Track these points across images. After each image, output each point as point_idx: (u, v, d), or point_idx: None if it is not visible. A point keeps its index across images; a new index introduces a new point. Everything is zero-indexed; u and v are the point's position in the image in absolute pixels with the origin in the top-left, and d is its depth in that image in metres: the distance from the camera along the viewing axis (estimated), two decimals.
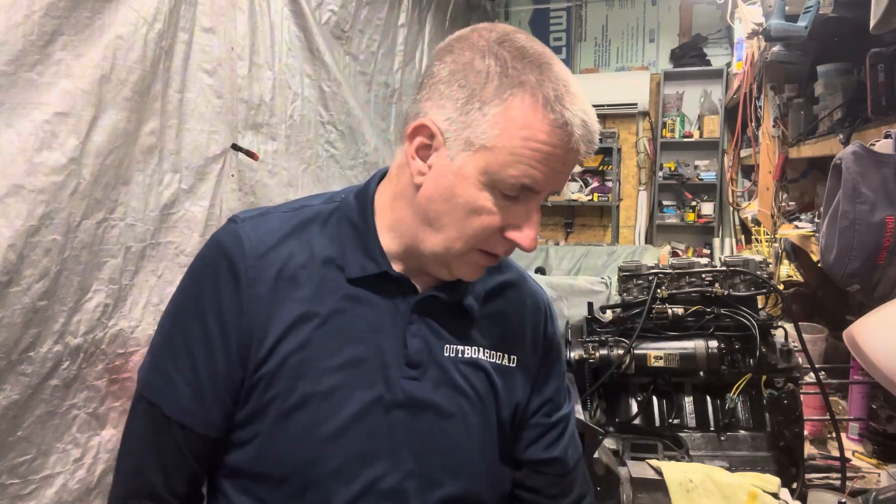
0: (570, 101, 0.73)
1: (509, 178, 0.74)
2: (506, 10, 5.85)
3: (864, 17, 1.31)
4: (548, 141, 0.73)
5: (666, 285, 1.46)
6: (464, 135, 0.75)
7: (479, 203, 0.76)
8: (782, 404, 1.32)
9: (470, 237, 0.78)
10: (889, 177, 1.29)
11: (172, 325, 0.85)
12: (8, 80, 1.18)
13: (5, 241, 1.19)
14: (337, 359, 0.81)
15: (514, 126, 0.73)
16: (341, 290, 0.83)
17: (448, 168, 0.76)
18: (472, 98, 0.74)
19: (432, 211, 0.78)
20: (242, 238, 0.82)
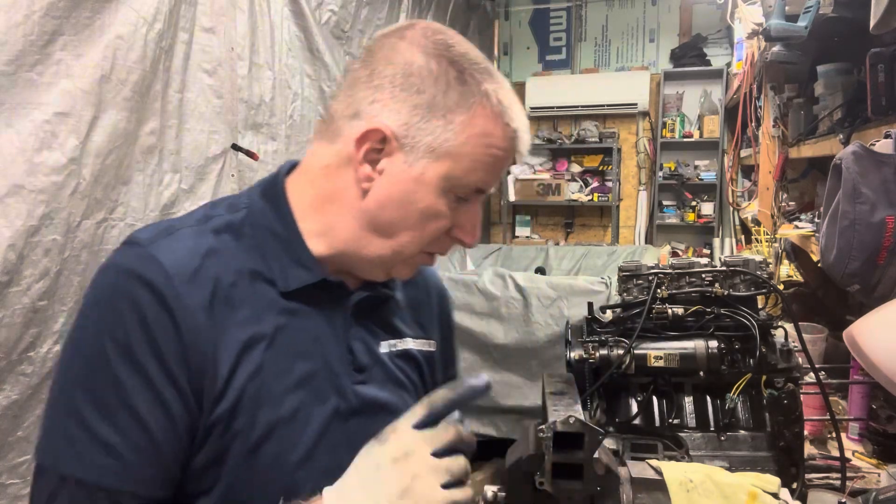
0: (516, 109, 0.77)
1: (470, 184, 0.76)
2: (506, 10, 5.86)
3: (864, 17, 1.31)
4: (503, 147, 0.76)
5: (666, 285, 1.46)
6: (425, 141, 0.74)
7: (436, 208, 0.76)
8: (782, 404, 1.32)
9: (424, 241, 0.78)
10: (889, 177, 1.29)
11: (90, 379, 0.68)
12: (8, 80, 1.19)
13: (5, 241, 1.19)
14: (291, 378, 0.76)
15: (477, 134, 0.74)
16: (277, 306, 0.76)
17: (405, 174, 0.75)
18: (434, 105, 0.74)
19: (384, 217, 0.77)
20: (161, 261, 0.70)
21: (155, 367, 0.68)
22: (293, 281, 0.77)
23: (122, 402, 0.67)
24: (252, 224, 0.78)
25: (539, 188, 5.53)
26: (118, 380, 0.67)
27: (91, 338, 0.69)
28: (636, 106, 5.33)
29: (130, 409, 0.68)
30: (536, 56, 5.85)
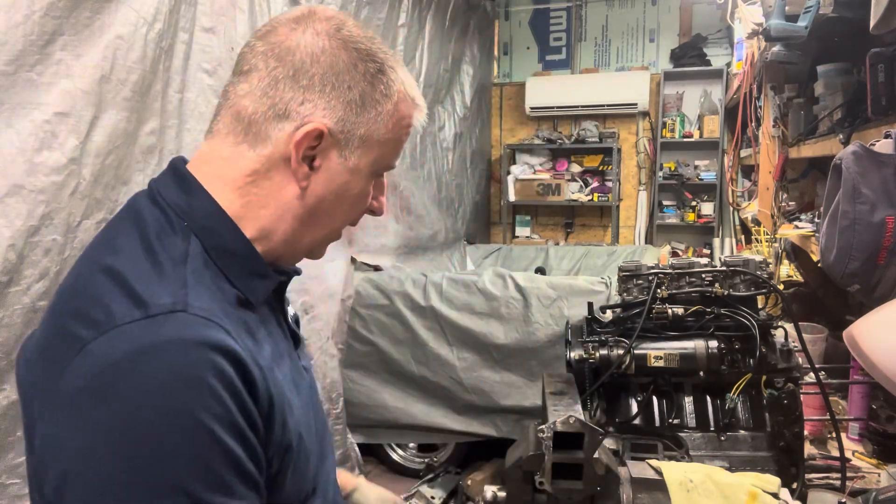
0: (415, 87, 0.83)
1: (388, 164, 0.83)
2: (506, 10, 5.86)
3: (864, 17, 1.31)
4: (414, 125, 0.85)
5: (666, 285, 1.46)
6: (358, 133, 0.78)
7: (364, 189, 0.82)
8: (782, 404, 1.32)
9: (350, 220, 0.84)
10: (889, 177, 1.29)
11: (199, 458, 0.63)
12: (8, 80, 1.19)
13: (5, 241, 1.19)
14: (287, 381, 0.78)
15: (399, 118, 0.81)
16: (255, 319, 0.76)
17: (342, 166, 0.78)
18: (364, 99, 0.77)
19: (321, 209, 0.79)
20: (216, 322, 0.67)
21: (248, 428, 0.66)
22: (261, 293, 0.78)
23: (235, 471, 0.65)
24: (212, 250, 0.74)
25: (539, 188, 5.53)
26: (229, 451, 0.64)
27: (184, 420, 0.62)
28: (636, 106, 5.33)
29: (242, 474, 0.66)
30: (536, 56, 5.85)
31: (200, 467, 0.62)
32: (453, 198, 4.72)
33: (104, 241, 0.75)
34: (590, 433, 0.99)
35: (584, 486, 0.99)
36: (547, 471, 0.99)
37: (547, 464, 0.99)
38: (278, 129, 0.75)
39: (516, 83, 5.83)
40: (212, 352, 0.64)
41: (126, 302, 0.65)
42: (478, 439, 2.86)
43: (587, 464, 0.98)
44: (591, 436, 0.99)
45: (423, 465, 3.10)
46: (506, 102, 5.91)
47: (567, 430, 0.99)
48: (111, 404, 0.61)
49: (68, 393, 0.63)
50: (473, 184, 5.22)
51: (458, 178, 4.82)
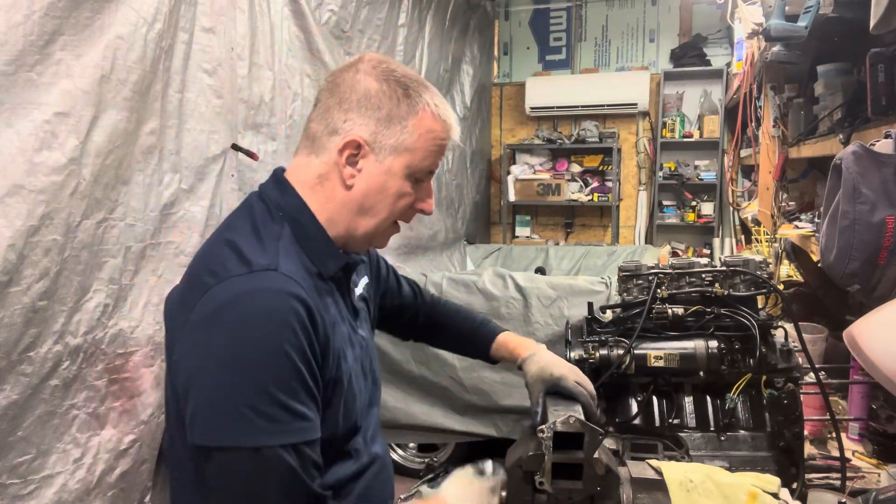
0: (447, 108, 1.07)
1: (425, 169, 1.06)
2: (506, 10, 5.86)
3: (864, 17, 1.31)
4: (444, 137, 1.07)
5: (666, 285, 1.46)
6: (390, 142, 1.02)
7: (403, 190, 1.05)
8: (782, 404, 1.32)
9: (396, 215, 1.07)
10: (889, 177, 1.29)
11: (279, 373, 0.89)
12: (8, 80, 1.19)
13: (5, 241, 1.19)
14: (343, 339, 1.05)
15: (424, 131, 1.04)
16: (326, 288, 1.04)
17: (378, 169, 1.03)
18: (392, 116, 1.02)
19: (367, 202, 1.04)
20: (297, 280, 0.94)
21: (311, 357, 0.93)
22: (332, 267, 1.05)
23: (302, 385, 0.91)
24: (297, 232, 1.03)
25: (539, 188, 5.53)
26: (300, 370, 0.91)
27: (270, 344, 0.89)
28: (636, 106, 5.33)
29: (307, 388, 0.92)
30: (536, 56, 5.84)
31: (279, 378, 0.89)
32: (453, 198, 4.72)
33: (227, 224, 1.06)
34: (590, 433, 0.99)
35: (584, 486, 0.98)
36: (547, 471, 0.99)
37: (547, 464, 0.98)
38: (331, 142, 1.03)
39: (516, 83, 5.83)
40: (292, 299, 0.91)
41: (238, 262, 0.94)
42: (478, 439, 2.85)
43: (587, 464, 0.98)
44: (591, 436, 0.98)
45: (423, 465, 3.10)
46: (506, 102, 5.91)
47: (567, 430, 0.99)
48: (219, 332, 0.89)
49: (194, 322, 0.92)
50: (473, 184, 5.22)
51: (458, 178, 4.82)
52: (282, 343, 0.89)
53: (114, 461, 1.42)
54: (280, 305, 0.90)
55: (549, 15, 5.77)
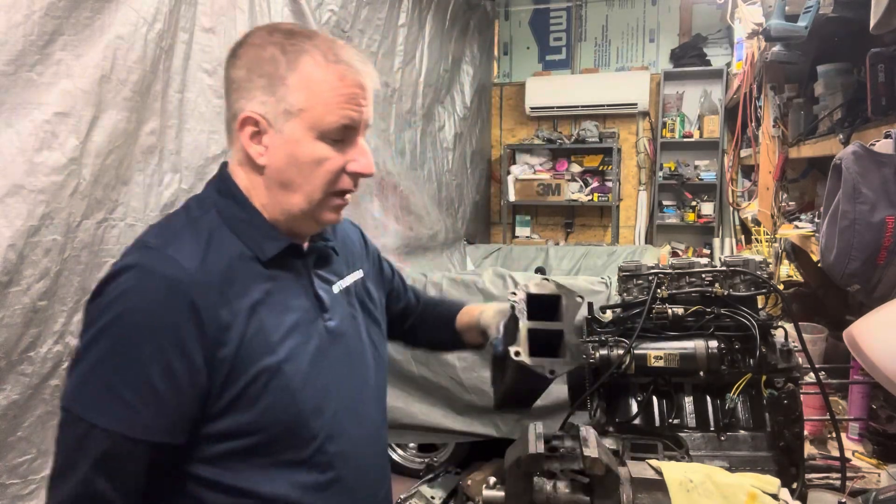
0: (340, 51, 0.94)
1: (335, 125, 0.94)
2: (506, 10, 5.86)
3: (864, 17, 1.31)
4: (346, 85, 0.93)
5: (666, 285, 1.46)
6: (280, 109, 0.93)
7: (318, 154, 0.94)
8: (782, 404, 1.32)
9: (323, 184, 0.96)
10: (889, 177, 1.29)
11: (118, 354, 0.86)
12: (8, 80, 1.19)
13: (5, 241, 1.19)
14: (283, 329, 0.96)
15: (314, 84, 0.93)
16: (262, 275, 0.97)
17: (281, 140, 0.94)
18: (273, 80, 0.93)
19: (286, 178, 0.96)
20: (177, 259, 0.89)
21: (175, 350, 0.86)
22: (269, 251, 0.97)
23: (140, 375, 0.86)
24: (226, 217, 0.97)
25: (539, 188, 5.53)
26: (140, 358, 0.86)
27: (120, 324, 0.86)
28: (636, 106, 5.33)
29: (146, 379, 0.86)
30: (536, 56, 5.84)
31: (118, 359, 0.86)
32: (453, 198, 4.72)
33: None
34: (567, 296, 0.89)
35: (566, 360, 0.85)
36: (522, 339, 0.86)
37: (522, 330, 0.87)
38: (234, 126, 0.97)
39: (516, 83, 5.83)
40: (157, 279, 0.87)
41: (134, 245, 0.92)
42: (478, 439, 2.86)
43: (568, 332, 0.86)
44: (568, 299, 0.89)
45: (423, 465, 3.10)
46: (506, 102, 5.91)
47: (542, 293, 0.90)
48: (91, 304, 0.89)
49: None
50: (473, 184, 5.22)
51: (458, 178, 4.82)
52: (131, 324, 0.86)
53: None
54: (141, 285, 0.87)
55: (549, 15, 5.77)
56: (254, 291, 0.94)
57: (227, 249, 0.95)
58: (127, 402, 0.86)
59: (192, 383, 0.88)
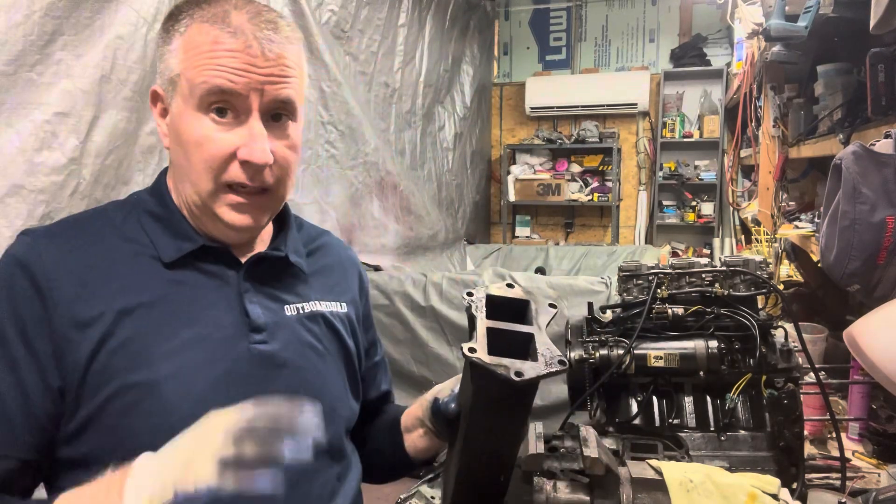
0: (235, 15, 0.80)
1: (200, 87, 0.79)
2: (506, 10, 5.86)
3: (864, 17, 1.31)
4: (222, 49, 0.79)
5: (666, 285, 1.46)
6: (167, 78, 0.83)
7: (198, 131, 0.80)
8: (782, 404, 1.32)
9: (207, 170, 0.81)
10: (889, 177, 1.29)
11: None
12: (8, 80, 1.19)
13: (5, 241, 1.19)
14: (174, 342, 0.81)
15: (190, 47, 0.80)
16: (161, 277, 0.83)
17: (172, 116, 0.83)
18: (161, 52, 0.84)
19: (177, 162, 0.85)
20: (37, 246, 0.80)
21: (17, 341, 0.76)
22: (173, 251, 0.85)
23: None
24: (135, 210, 0.88)
25: (539, 188, 5.53)
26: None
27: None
28: (636, 106, 5.33)
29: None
30: (536, 56, 5.84)
31: None
32: (453, 198, 4.72)
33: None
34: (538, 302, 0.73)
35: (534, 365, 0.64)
36: (480, 335, 0.67)
37: (479, 327, 0.68)
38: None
39: (516, 83, 5.83)
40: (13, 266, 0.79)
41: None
42: None
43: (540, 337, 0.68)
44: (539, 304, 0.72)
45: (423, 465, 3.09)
46: (506, 102, 5.91)
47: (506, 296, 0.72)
48: None
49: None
50: (473, 184, 5.22)
51: (458, 178, 4.82)
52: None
53: None
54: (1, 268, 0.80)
55: (549, 15, 5.77)
56: (138, 293, 0.81)
57: (122, 243, 0.84)
58: None
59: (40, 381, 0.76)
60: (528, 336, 0.67)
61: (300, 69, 0.86)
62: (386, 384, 1.15)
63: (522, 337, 0.68)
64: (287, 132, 0.85)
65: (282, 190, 0.87)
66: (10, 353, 0.76)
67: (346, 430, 0.99)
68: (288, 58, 0.83)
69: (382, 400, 1.15)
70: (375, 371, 1.13)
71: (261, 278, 0.90)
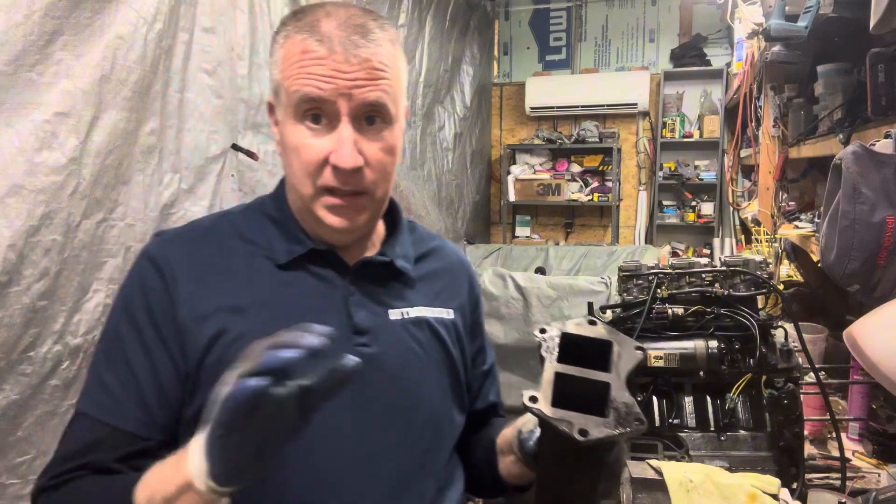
0: (325, 23, 0.83)
1: (293, 96, 0.82)
2: (506, 10, 5.86)
3: (864, 17, 1.31)
4: (310, 58, 0.81)
5: (666, 285, 1.46)
6: (272, 88, 0.87)
7: (295, 138, 0.84)
8: (782, 404, 1.32)
9: (305, 175, 0.85)
10: (889, 177, 1.29)
11: (105, 341, 0.86)
12: (8, 80, 1.19)
13: (5, 241, 1.19)
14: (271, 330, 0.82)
15: (286, 58, 0.84)
16: (274, 278, 0.88)
17: (280, 124, 0.87)
18: (271, 60, 0.86)
19: (285, 168, 0.89)
20: (166, 245, 0.89)
21: (149, 328, 0.84)
22: (285, 254, 0.89)
23: (121, 357, 0.83)
24: (255, 213, 0.93)
25: (539, 188, 5.53)
26: (121, 338, 0.84)
27: (112, 310, 0.87)
28: (636, 106, 5.32)
29: (125, 361, 0.83)
30: (536, 56, 5.84)
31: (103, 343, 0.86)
32: (453, 198, 4.72)
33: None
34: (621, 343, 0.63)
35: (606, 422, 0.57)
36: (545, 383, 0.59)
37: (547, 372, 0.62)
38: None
39: (516, 83, 5.83)
40: (146, 261, 0.87)
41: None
42: None
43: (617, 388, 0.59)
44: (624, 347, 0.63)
45: None
46: (506, 102, 5.91)
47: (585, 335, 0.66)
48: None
49: None
50: (473, 184, 5.22)
51: (458, 178, 4.82)
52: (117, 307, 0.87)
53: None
54: (134, 268, 0.88)
55: (549, 15, 5.77)
56: (251, 292, 0.87)
57: (241, 245, 0.90)
58: (108, 386, 0.82)
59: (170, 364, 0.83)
60: (604, 385, 0.60)
61: (394, 70, 0.86)
62: (494, 395, 1.11)
63: (598, 385, 0.60)
64: (381, 134, 0.86)
65: (379, 192, 0.89)
66: (143, 339, 0.83)
67: (448, 441, 0.97)
68: (376, 60, 0.83)
69: (489, 412, 1.09)
70: (482, 381, 1.10)
71: (367, 282, 0.93)
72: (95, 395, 0.83)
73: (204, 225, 0.94)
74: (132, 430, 0.82)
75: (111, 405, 0.82)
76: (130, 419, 0.82)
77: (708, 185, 5.30)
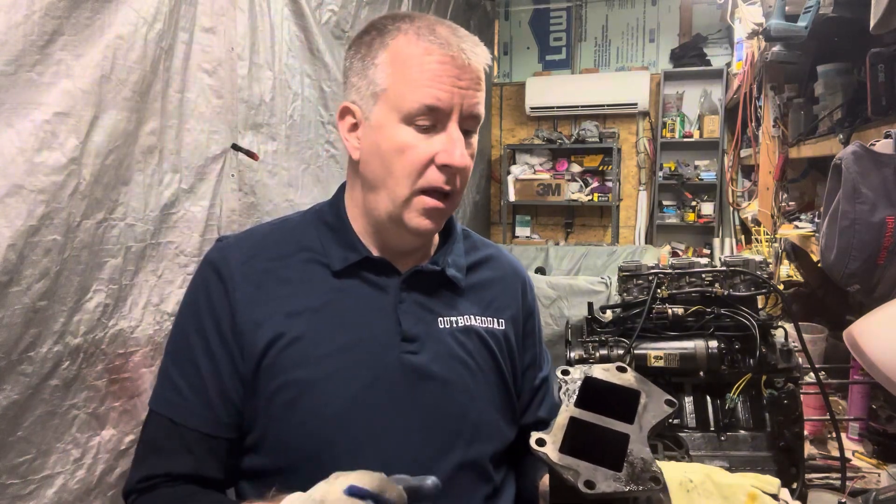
0: (440, 28, 0.85)
1: (414, 104, 0.83)
2: (506, 10, 5.86)
3: (864, 17, 1.31)
4: (433, 60, 0.83)
5: (666, 285, 1.46)
6: (369, 93, 0.86)
7: (400, 139, 0.84)
8: (782, 404, 1.32)
9: (406, 176, 0.85)
10: (889, 177, 1.29)
11: (173, 340, 0.93)
12: (8, 80, 1.18)
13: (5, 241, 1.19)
14: (332, 345, 0.88)
15: (400, 61, 0.84)
16: (328, 284, 0.91)
17: (370, 129, 0.87)
18: (364, 61, 0.87)
19: (370, 173, 0.88)
20: (227, 251, 0.92)
21: (212, 327, 0.88)
22: (340, 262, 0.91)
23: (188, 358, 0.88)
24: (314, 221, 0.96)
25: (539, 188, 5.53)
26: (187, 341, 0.89)
27: (180, 314, 0.94)
28: (636, 106, 5.33)
29: (192, 362, 0.88)
30: (536, 56, 5.85)
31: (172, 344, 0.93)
32: None
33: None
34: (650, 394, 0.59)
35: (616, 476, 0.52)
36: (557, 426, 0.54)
37: (560, 417, 0.56)
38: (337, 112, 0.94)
39: (516, 83, 5.83)
40: (208, 267, 0.92)
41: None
42: None
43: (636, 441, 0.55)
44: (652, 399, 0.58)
45: None
46: (506, 102, 5.91)
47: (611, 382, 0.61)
48: None
49: None
50: (473, 184, 5.21)
51: None
52: (184, 311, 0.93)
53: (114, 461, 1.42)
54: (198, 273, 0.94)
55: (549, 15, 5.77)
56: (306, 298, 0.89)
57: (298, 251, 0.93)
58: (177, 387, 0.88)
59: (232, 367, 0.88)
60: (623, 437, 0.55)
61: (485, 88, 0.90)
62: (544, 411, 1.08)
63: (617, 436, 0.55)
64: (472, 141, 0.90)
65: (458, 197, 0.92)
66: (207, 343, 0.88)
67: (495, 449, 0.96)
68: (481, 72, 0.87)
69: (536, 427, 1.07)
70: (532, 395, 1.08)
71: (417, 290, 0.94)
72: (166, 395, 0.89)
73: (262, 231, 0.97)
74: (200, 428, 0.87)
75: (180, 404, 0.88)
76: (198, 418, 0.87)
77: (708, 185, 5.30)
